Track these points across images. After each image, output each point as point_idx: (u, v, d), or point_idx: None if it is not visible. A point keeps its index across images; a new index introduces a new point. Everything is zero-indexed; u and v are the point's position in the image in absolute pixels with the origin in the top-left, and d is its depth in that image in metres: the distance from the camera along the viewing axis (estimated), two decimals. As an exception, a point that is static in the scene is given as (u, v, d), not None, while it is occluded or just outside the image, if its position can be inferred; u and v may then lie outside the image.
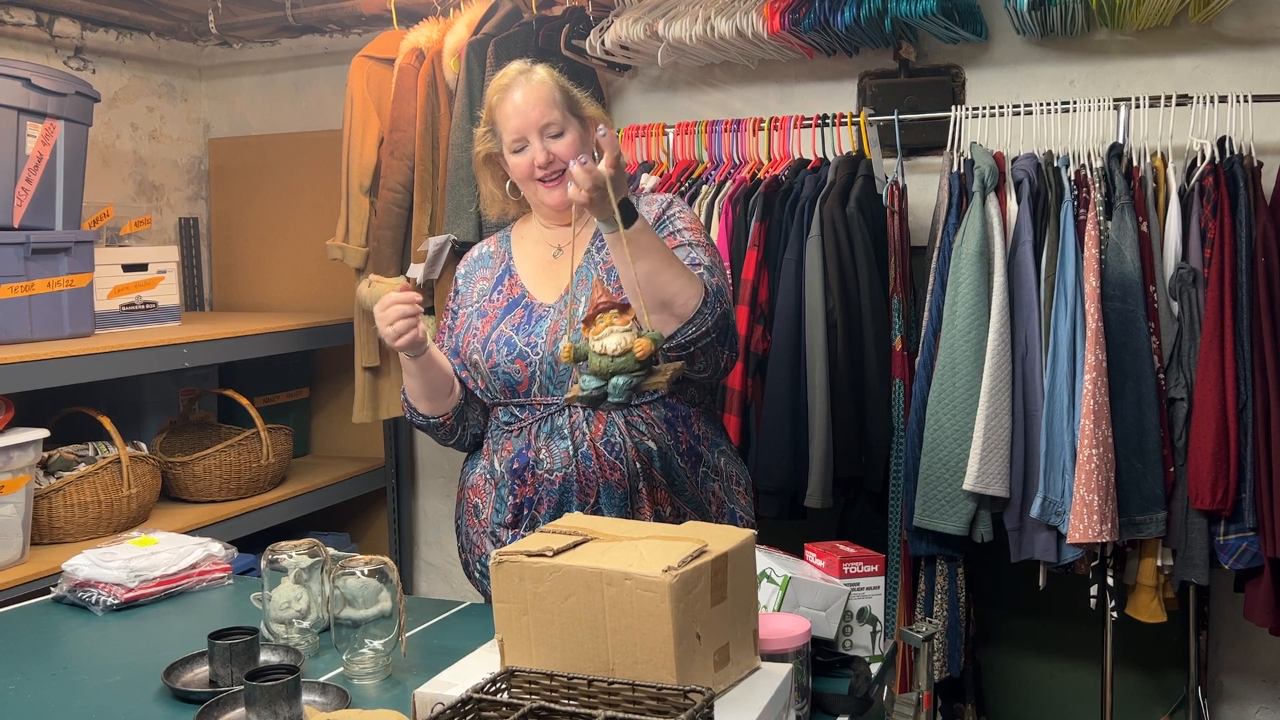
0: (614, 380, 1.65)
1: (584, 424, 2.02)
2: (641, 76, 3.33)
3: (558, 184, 2.04)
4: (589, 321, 1.68)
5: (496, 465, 2.09)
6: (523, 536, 1.97)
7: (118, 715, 1.57)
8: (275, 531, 3.08)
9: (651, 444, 2.03)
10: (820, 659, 1.62)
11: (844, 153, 2.79)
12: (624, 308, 1.69)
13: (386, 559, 1.68)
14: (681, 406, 2.10)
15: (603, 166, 1.73)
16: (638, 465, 2.02)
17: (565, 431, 2.02)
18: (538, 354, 2.02)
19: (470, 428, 2.17)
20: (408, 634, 1.73)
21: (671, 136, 2.94)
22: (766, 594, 1.61)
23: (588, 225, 2.12)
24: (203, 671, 1.65)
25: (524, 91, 2.03)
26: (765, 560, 1.65)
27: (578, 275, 2.06)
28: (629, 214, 1.80)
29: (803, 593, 1.63)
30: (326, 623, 1.77)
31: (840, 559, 1.73)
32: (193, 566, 2.10)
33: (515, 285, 2.12)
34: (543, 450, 2.03)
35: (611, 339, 1.65)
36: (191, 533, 2.32)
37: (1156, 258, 2.45)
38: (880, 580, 1.74)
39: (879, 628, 1.72)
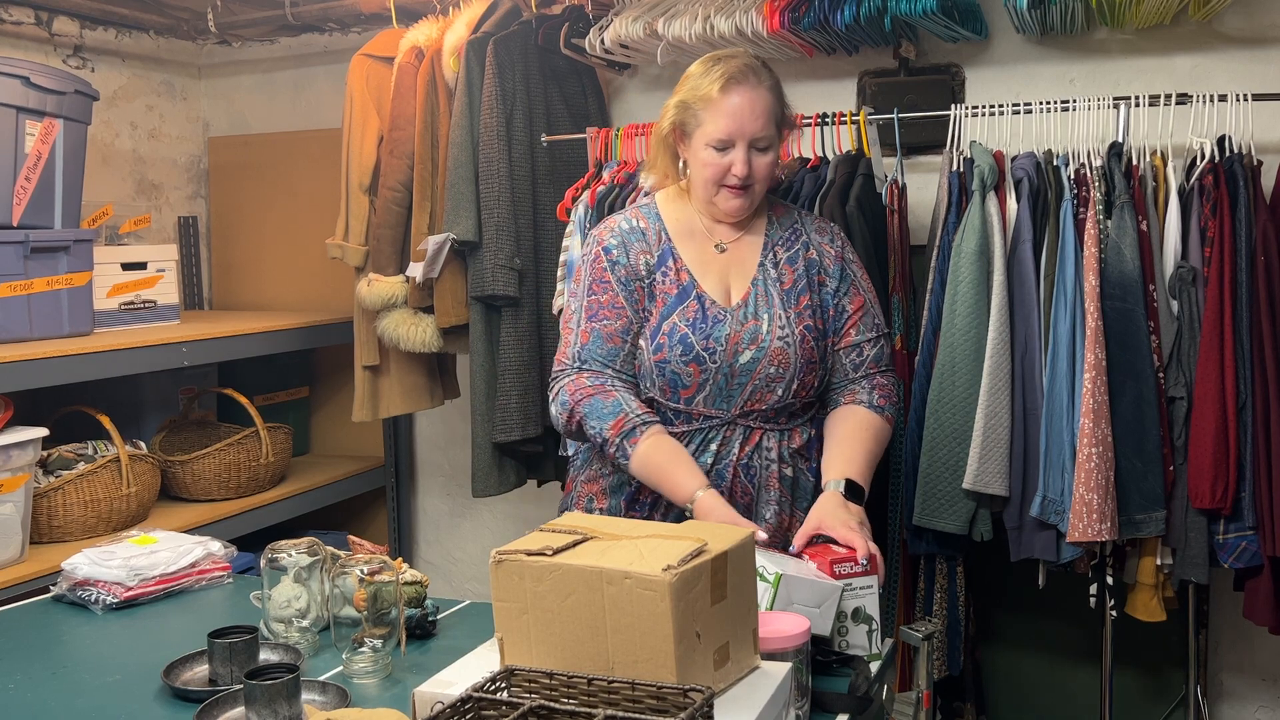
0: (427, 602, 1.81)
1: (735, 443, 1.93)
2: (641, 75, 3.32)
3: (744, 193, 1.94)
4: (375, 572, 1.70)
5: None
6: None
7: (117, 714, 1.56)
8: (275, 530, 3.08)
9: (789, 471, 1.96)
10: (819, 658, 1.62)
11: (844, 151, 2.78)
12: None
13: (386, 558, 1.68)
14: (816, 427, 2.03)
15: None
16: (769, 493, 1.95)
17: (714, 449, 1.92)
18: (715, 362, 1.90)
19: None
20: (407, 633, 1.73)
21: (671, 135, 2.94)
22: (759, 592, 1.61)
23: (756, 229, 2.01)
24: (202, 670, 1.65)
25: (751, 97, 1.90)
26: (758, 558, 1.64)
27: (754, 287, 1.96)
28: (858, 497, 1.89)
29: (795, 590, 1.63)
30: (326, 621, 1.77)
31: (831, 560, 1.72)
32: (192, 565, 2.10)
33: (682, 271, 1.96)
34: None
35: (408, 571, 1.81)
36: (191, 531, 2.32)
37: (1156, 256, 2.45)
38: (873, 579, 1.73)
39: (874, 627, 1.72)
